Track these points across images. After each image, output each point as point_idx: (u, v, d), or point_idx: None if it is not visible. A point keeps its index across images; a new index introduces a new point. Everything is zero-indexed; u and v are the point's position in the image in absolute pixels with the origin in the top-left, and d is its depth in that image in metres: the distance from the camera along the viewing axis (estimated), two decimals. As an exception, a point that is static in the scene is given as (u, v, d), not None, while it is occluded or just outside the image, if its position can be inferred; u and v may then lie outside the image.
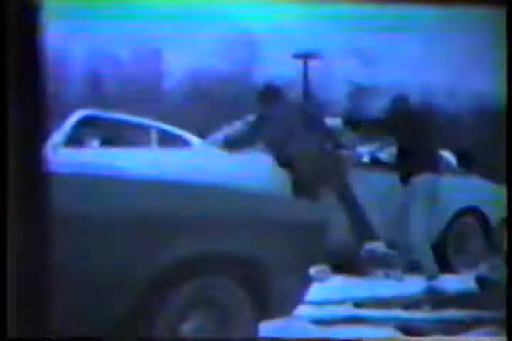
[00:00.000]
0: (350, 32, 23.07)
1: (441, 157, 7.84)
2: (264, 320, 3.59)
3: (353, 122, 7.00)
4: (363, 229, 6.35)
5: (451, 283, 6.27)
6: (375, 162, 7.61)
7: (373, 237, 6.33)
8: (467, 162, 9.87)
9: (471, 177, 8.29)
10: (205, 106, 23.61)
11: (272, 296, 3.50)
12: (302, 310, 3.98)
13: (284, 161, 6.41)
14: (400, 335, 4.50)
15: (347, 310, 5.19)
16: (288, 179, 6.28)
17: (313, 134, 6.58)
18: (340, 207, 6.36)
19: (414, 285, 6.17)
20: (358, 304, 5.38)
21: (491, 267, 6.08)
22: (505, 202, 5.59)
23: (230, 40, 26.56)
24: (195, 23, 23.06)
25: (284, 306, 3.67)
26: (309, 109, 7.30)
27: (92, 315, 3.05)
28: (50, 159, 1.65)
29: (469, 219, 7.91)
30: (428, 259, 6.38)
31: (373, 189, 6.88)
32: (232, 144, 6.65)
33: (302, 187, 6.18)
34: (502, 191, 7.03)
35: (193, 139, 9.49)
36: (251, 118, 7.04)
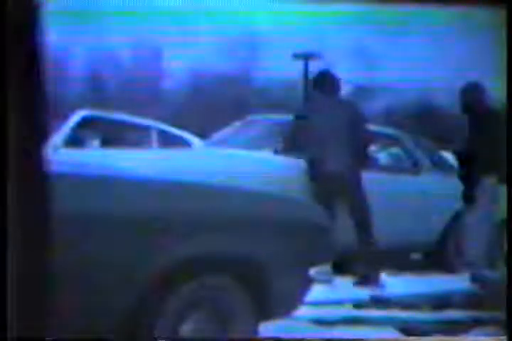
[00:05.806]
0: (351, 31, 23.06)
1: (441, 157, 7.84)
2: (264, 320, 3.59)
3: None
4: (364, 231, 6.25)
5: (452, 283, 6.26)
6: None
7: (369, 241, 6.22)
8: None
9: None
10: (205, 106, 23.59)
11: (272, 296, 3.50)
12: (302, 310, 3.98)
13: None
14: (400, 336, 4.50)
15: (347, 311, 5.18)
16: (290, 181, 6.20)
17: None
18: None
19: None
20: (357, 305, 5.37)
21: (491, 267, 6.07)
22: (505, 202, 5.58)
23: (231, 40, 26.56)
24: (195, 22, 23.06)
25: (284, 306, 3.67)
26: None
27: (92, 315, 3.05)
28: (50, 159, 1.65)
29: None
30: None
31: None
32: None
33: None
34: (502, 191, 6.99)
35: (193, 139, 9.49)
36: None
